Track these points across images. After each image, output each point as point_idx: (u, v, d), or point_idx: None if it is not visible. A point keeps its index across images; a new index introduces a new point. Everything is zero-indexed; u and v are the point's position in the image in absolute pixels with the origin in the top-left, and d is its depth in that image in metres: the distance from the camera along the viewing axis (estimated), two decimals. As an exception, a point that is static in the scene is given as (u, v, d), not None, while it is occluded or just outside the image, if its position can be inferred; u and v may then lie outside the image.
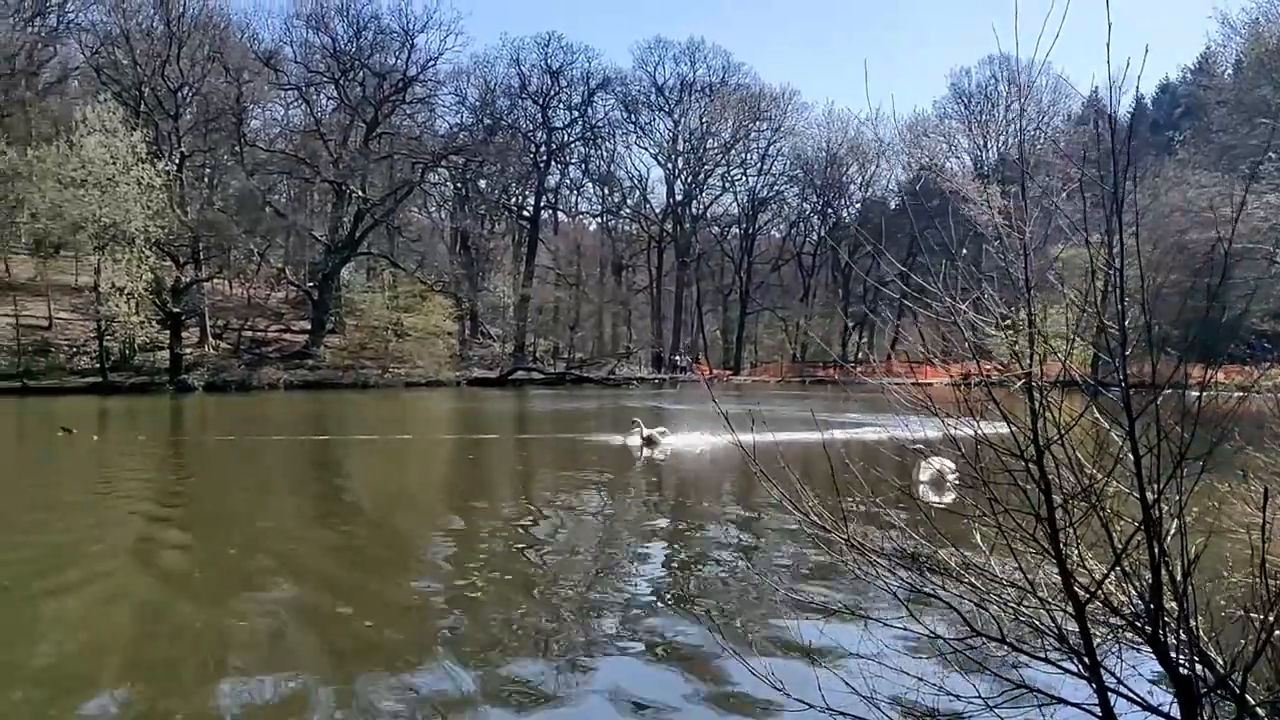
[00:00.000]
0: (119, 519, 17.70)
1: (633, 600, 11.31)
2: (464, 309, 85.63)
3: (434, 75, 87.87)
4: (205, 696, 8.15)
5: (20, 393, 55.82)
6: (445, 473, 24.20)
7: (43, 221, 59.82)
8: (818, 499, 5.36)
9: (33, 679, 8.60)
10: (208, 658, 9.27)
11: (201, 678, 8.68)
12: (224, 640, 9.79)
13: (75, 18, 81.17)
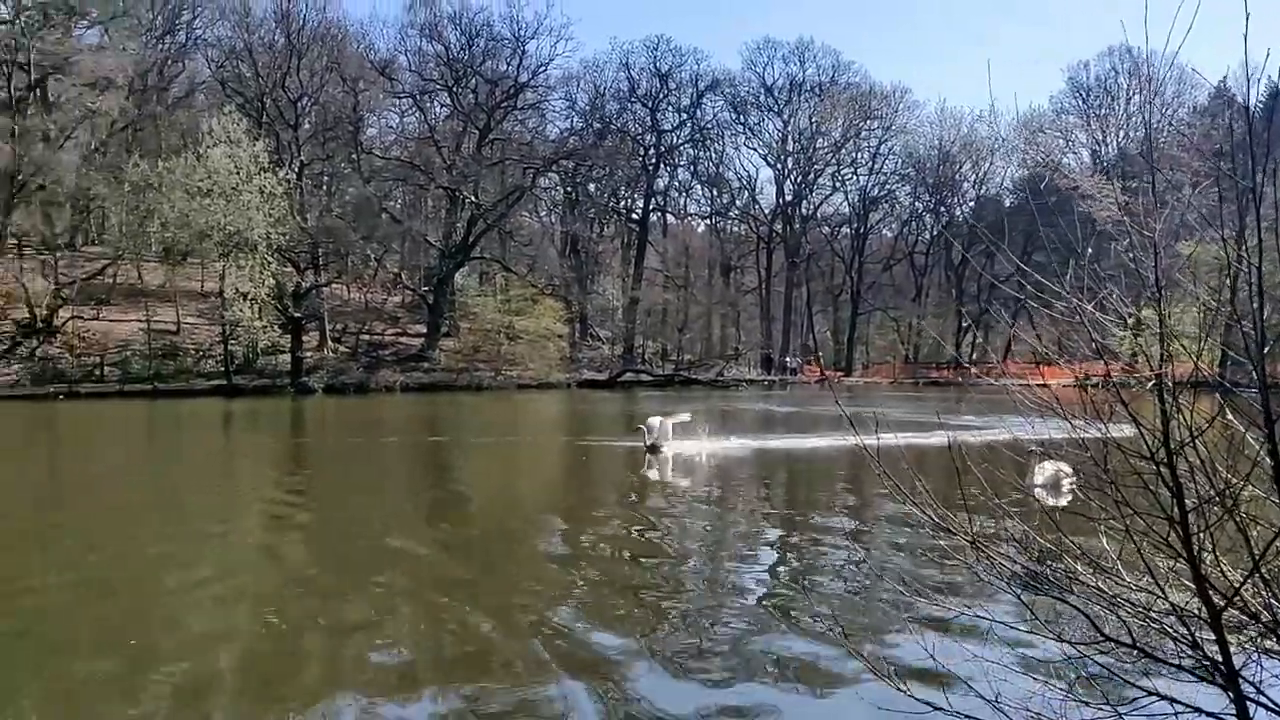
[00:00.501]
0: (244, 517, 18.30)
1: (744, 599, 11.25)
2: (574, 312, 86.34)
3: (545, 81, 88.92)
4: (325, 694, 8.35)
5: (151, 395, 58.15)
6: (557, 474, 24.41)
7: (172, 230, 62.25)
8: (936, 501, 5.26)
9: (165, 672, 8.91)
10: (329, 654, 9.50)
11: (323, 675, 8.90)
12: (344, 636, 10.02)
13: (202, 34, 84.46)
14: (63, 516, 17.79)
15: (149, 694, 8.29)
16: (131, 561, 13.79)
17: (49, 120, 62.96)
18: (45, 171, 59.72)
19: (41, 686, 8.52)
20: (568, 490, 22.30)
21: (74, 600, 11.46)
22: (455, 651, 9.54)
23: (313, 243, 69.78)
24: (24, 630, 10.29)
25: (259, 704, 8.16)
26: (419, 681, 8.61)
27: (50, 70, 65.17)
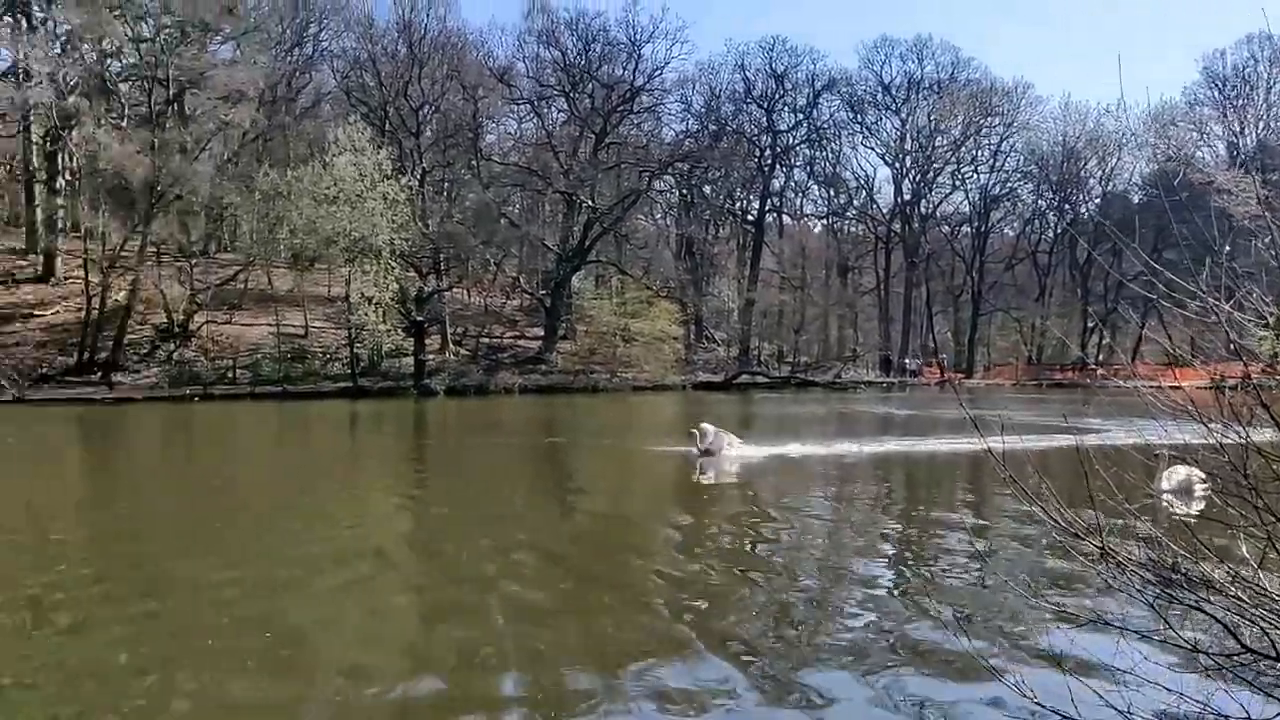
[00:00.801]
0: (377, 514, 18.88)
1: (866, 606, 11.18)
2: (689, 314, 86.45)
3: (660, 84, 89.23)
4: (482, 683, 8.61)
5: (280, 396, 60.09)
6: (674, 475, 24.51)
7: (300, 236, 64.32)
8: (1062, 505, 5.19)
9: (327, 665, 9.30)
10: (478, 644, 9.78)
11: (478, 665, 9.17)
12: (489, 628, 10.30)
13: (328, 46, 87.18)
14: (208, 515, 18.55)
15: (312, 689, 8.63)
16: (280, 557, 14.34)
17: (185, 133, 65.51)
18: (182, 182, 62.16)
19: (200, 676, 8.95)
20: (681, 490, 22.37)
21: (232, 593, 11.96)
22: (600, 636, 9.72)
23: (434, 248, 71.31)
24: (180, 626, 10.79)
25: (410, 686, 8.46)
26: (569, 664, 8.86)
27: (187, 85, 67.83)
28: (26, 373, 57.72)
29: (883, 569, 13.38)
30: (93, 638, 10.12)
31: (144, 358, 63.14)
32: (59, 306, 65.71)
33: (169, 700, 8.31)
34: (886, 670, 8.67)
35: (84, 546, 15.70)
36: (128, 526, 17.33)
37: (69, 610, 11.28)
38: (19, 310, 64.73)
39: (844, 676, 8.54)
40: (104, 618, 10.82)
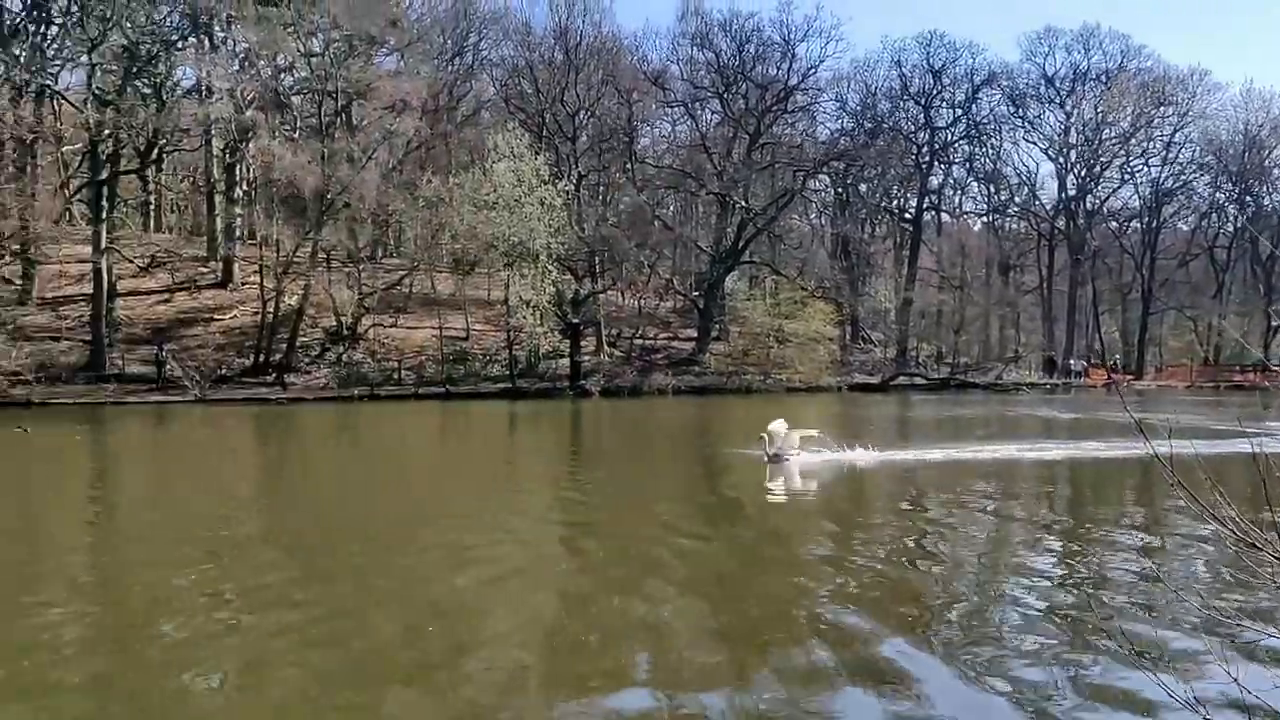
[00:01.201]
0: (534, 511, 19.32)
1: (1026, 614, 10.92)
2: (845, 314, 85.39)
3: (815, 83, 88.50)
4: (617, 681, 8.76)
5: (444, 397, 61.93)
6: (827, 478, 24.31)
7: (461, 241, 66.25)
8: (1238, 514, 4.99)
9: (475, 661, 9.60)
10: (623, 644, 9.96)
11: (621, 663, 9.35)
12: (634, 628, 10.46)
13: (487, 54, 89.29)
14: (379, 507, 19.35)
15: (464, 682, 8.94)
16: (439, 555, 14.84)
17: (353, 143, 68.00)
18: (350, 190, 64.53)
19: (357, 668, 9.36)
20: (835, 495, 22.17)
21: (393, 582, 12.46)
22: (738, 647, 9.77)
23: (590, 251, 72.33)
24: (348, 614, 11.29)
25: (562, 689, 8.67)
26: (712, 674, 8.93)
27: (354, 96, 70.45)
28: (207, 373, 60.85)
29: (1039, 580, 12.99)
30: (264, 628, 10.67)
31: (315, 359, 65.87)
32: (236, 310, 69.13)
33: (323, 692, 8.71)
34: (1031, 686, 8.47)
35: (261, 536, 16.56)
36: (302, 520, 18.21)
37: (249, 598, 11.93)
38: (200, 314, 68.36)
39: (983, 692, 8.38)
40: (274, 610, 11.39)
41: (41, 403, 53.69)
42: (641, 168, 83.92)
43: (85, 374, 59.17)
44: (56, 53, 67.87)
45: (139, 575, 13.63)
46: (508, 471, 27.45)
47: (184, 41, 70.10)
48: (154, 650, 9.97)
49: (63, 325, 63.08)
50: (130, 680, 9.10)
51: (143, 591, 12.60)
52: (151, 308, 68.38)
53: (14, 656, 9.72)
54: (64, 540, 16.72)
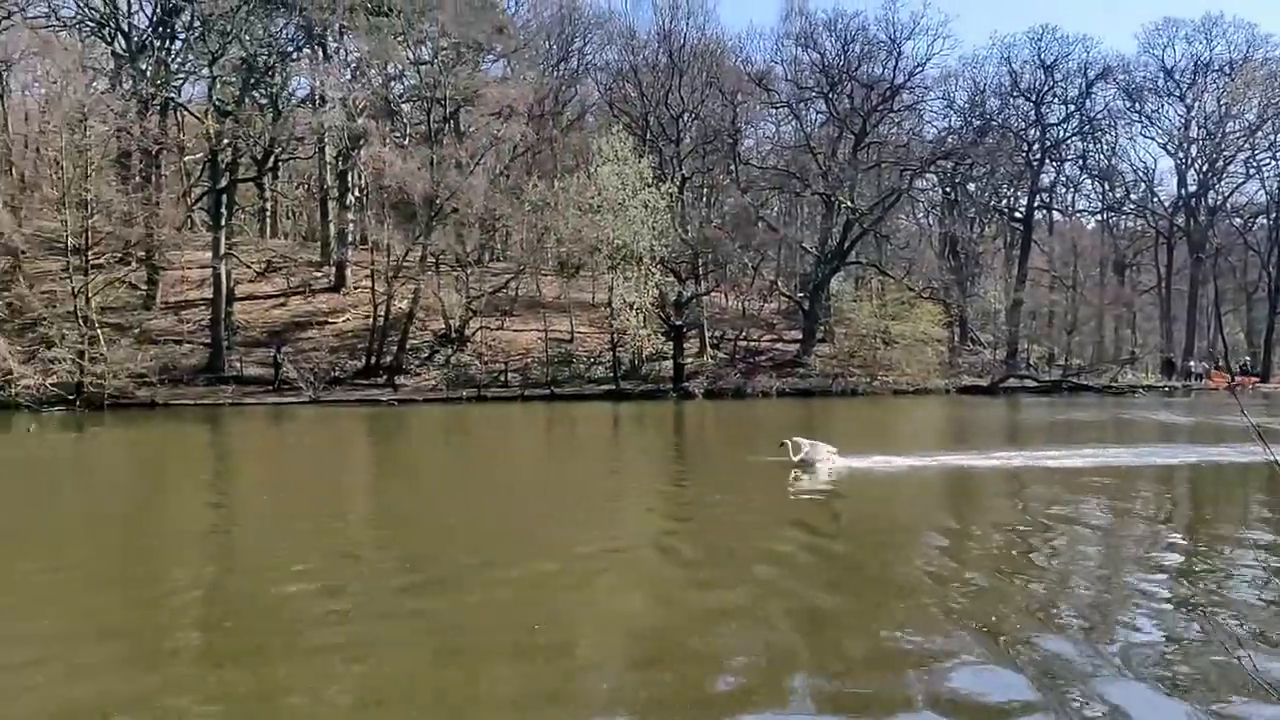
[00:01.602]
0: (634, 510, 19.49)
1: (1145, 626, 10.66)
2: (953, 315, 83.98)
3: (921, 81, 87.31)
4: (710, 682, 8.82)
5: (549, 398, 62.65)
6: (936, 482, 23.97)
7: (566, 245, 66.96)
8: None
9: (594, 662, 9.76)
10: (716, 646, 10.02)
11: (720, 666, 9.41)
12: (725, 631, 10.51)
13: (592, 59, 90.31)
14: (489, 508, 19.71)
15: (559, 685, 9.09)
16: (550, 549, 15.08)
17: (461, 148, 69.18)
18: (458, 195, 65.70)
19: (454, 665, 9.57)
20: (940, 500, 21.84)
21: (506, 584, 12.70)
22: (876, 634, 9.75)
23: (693, 253, 72.42)
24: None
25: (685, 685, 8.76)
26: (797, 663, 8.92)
27: (462, 102, 71.70)
28: (321, 376, 62.49)
29: (1159, 596, 12.64)
30: (368, 625, 10.97)
31: (424, 361, 67.19)
32: (349, 314, 70.91)
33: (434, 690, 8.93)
34: (1153, 703, 8.29)
35: (373, 537, 17.02)
36: (415, 518, 18.67)
37: (361, 596, 12.27)
38: (314, 318, 70.29)
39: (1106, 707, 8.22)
40: (379, 607, 11.70)
41: (164, 404, 55.85)
42: (745, 169, 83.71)
43: (205, 376, 61.36)
44: (180, 67, 70.55)
45: (259, 576, 14.13)
46: (614, 472, 27.67)
47: (299, 53, 72.31)
48: (270, 642, 10.35)
49: (184, 329, 65.44)
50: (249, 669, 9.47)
51: (260, 591, 13.05)
52: (268, 311, 70.56)
53: (148, 638, 10.20)
54: (186, 539, 17.41)
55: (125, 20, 69.17)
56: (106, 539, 16.97)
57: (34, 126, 65.12)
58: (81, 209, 57.46)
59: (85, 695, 8.77)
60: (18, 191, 61.31)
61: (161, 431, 42.97)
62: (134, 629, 10.89)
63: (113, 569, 14.37)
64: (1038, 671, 8.99)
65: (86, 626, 10.85)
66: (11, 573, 13.84)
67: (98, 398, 54.50)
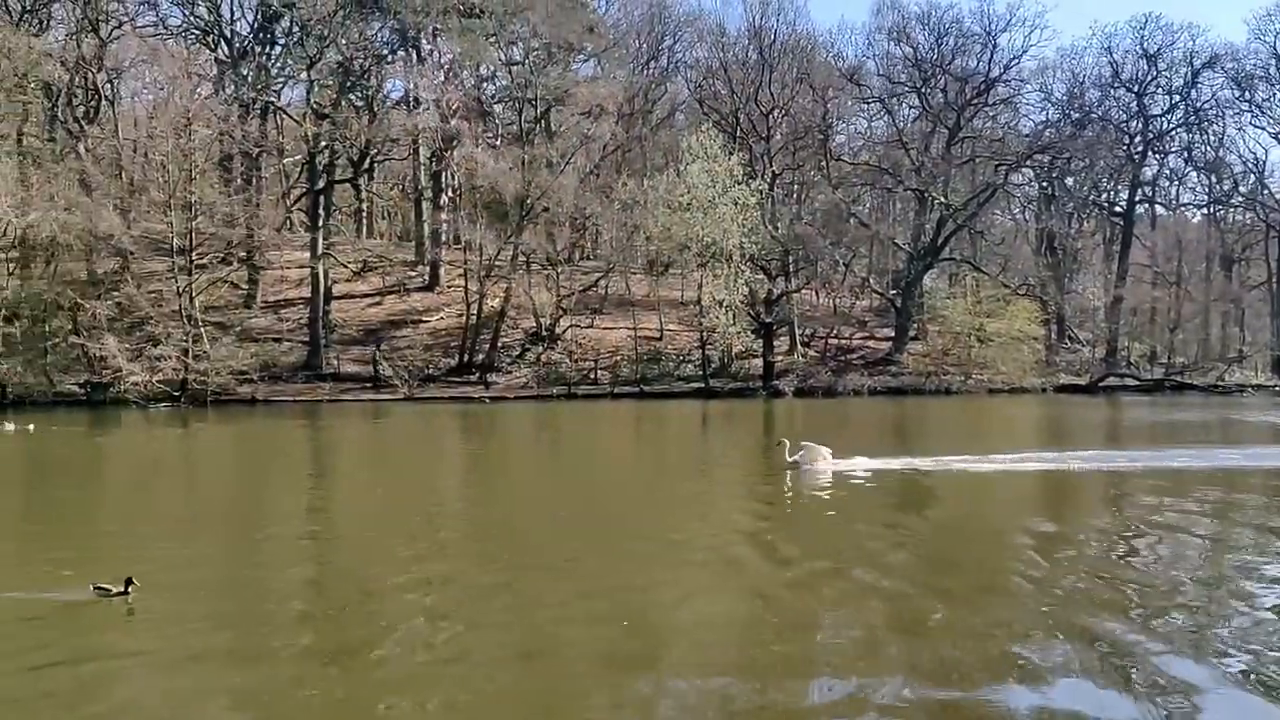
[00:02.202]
0: (721, 512, 19.46)
1: (1247, 637, 10.35)
2: (1050, 312, 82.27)
3: (1017, 74, 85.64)
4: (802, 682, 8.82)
5: (638, 396, 62.91)
6: (1030, 484, 23.52)
7: (655, 243, 67.22)
8: None
9: (684, 662, 9.84)
10: (811, 649, 10.01)
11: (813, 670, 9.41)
12: (817, 634, 10.49)
13: (682, 57, 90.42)
14: (580, 504, 19.93)
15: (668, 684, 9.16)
16: (636, 550, 15.20)
17: (551, 148, 69.93)
18: (549, 195, 66.44)
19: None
20: (1036, 503, 21.40)
21: (594, 576, 12.84)
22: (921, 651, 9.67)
23: (783, 250, 72.07)
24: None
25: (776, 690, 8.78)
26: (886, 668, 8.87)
27: (553, 102, 72.43)
28: (415, 373, 63.65)
29: (1263, 604, 12.25)
30: (455, 623, 11.16)
31: (515, 359, 67.97)
32: (443, 312, 72.02)
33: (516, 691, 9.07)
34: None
35: (469, 533, 17.31)
36: (510, 514, 18.96)
37: (458, 589, 12.50)
38: (409, 316, 71.55)
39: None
40: (469, 603, 11.89)
41: (265, 400, 57.40)
42: (836, 165, 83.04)
43: (304, 373, 62.91)
44: (279, 71, 72.46)
45: (360, 572, 14.48)
46: (703, 471, 27.66)
47: (394, 55, 73.69)
48: (366, 633, 10.60)
49: (284, 327, 67.10)
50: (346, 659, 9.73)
51: (360, 586, 13.37)
52: (364, 310, 72.00)
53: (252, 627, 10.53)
54: (291, 533, 17.89)
55: (228, 27, 71.32)
56: (213, 533, 17.51)
57: (142, 132, 67.36)
58: (186, 211, 59.42)
59: (184, 686, 9.07)
60: (127, 195, 63.44)
61: (263, 427, 44.24)
62: (240, 622, 11.23)
63: (219, 563, 14.80)
64: (1142, 686, 8.79)
65: (195, 620, 11.20)
66: (128, 566, 14.35)
67: (201, 394, 56.29)
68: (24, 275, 59.34)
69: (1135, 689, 8.64)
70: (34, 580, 12.63)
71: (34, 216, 55.41)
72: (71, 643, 10.30)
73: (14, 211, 55.64)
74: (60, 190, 56.94)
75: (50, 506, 20.91)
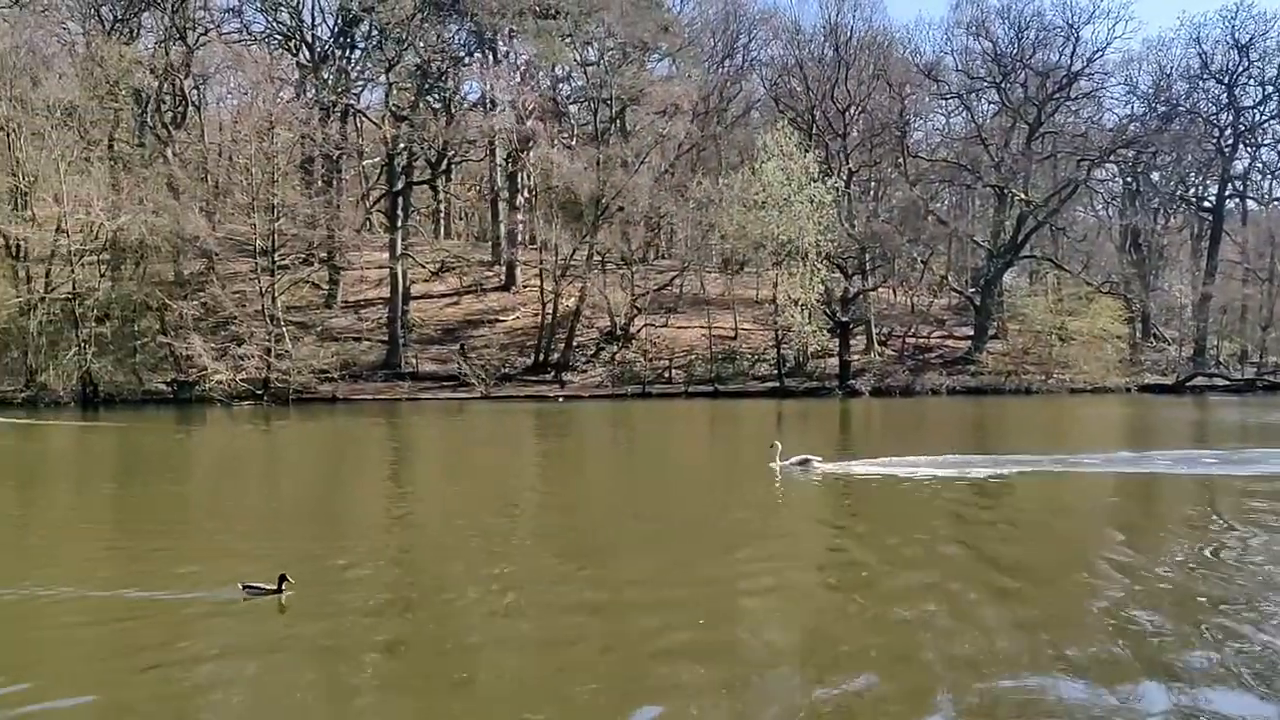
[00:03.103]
0: (797, 510, 19.41)
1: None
2: (1134, 311, 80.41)
3: (1101, 67, 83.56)
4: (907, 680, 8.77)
5: (712, 395, 62.84)
6: (1116, 488, 23.06)
7: (730, 241, 67.09)
8: None
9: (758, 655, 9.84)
10: (892, 648, 9.96)
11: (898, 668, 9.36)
12: (898, 633, 10.42)
13: (757, 55, 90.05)
14: (655, 501, 20.01)
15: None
16: (713, 548, 15.22)
17: (626, 148, 70.08)
18: (624, 194, 66.63)
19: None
20: (1119, 507, 20.94)
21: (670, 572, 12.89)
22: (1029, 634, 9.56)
23: (860, 248, 71.52)
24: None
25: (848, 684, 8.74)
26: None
27: (628, 102, 72.62)
28: (492, 372, 64.23)
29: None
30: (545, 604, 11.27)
31: (590, 358, 68.30)
32: (518, 312, 72.60)
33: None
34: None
35: (546, 528, 17.49)
36: (585, 510, 19.24)
37: (533, 584, 12.63)
38: (485, 316, 72.22)
39: None
40: (542, 601, 12.00)
41: (345, 398, 58.38)
42: (914, 162, 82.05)
43: (383, 371, 63.84)
44: (358, 74, 73.56)
45: (440, 558, 14.71)
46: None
47: (470, 57, 74.42)
48: (451, 621, 10.76)
49: (363, 327, 68.17)
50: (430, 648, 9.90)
51: (440, 582, 13.58)
52: (441, 310, 72.85)
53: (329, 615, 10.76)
54: (375, 527, 18.25)
55: (309, 32, 72.57)
56: (298, 528, 17.90)
57: (227, 136, 68.85)
58: (269, 213, 60.68)
59: (276, 681, 9.30)
60: (212, 198, 65.04)
61: (344, 424, 45.08)
62: (325, 615, 11.46)
63: (302, 558, 15.07)
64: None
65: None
66: (222, 561, 14.73)
67: (283, 392, 57.43)
68: (115, 277, 61.05)
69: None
70: (168, 579, 13.00)
71: (124, 219, 57.22)
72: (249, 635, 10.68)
73: (105, 215, 57.46)
74: (149, 194, 58.71)
75: (155, 501, 21.65)
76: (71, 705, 8.67)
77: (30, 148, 57.70)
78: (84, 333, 57.10)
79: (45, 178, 57.88)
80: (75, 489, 24.82)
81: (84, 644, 10.51)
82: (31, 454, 33.76)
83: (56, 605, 11.82)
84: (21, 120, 57.28)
